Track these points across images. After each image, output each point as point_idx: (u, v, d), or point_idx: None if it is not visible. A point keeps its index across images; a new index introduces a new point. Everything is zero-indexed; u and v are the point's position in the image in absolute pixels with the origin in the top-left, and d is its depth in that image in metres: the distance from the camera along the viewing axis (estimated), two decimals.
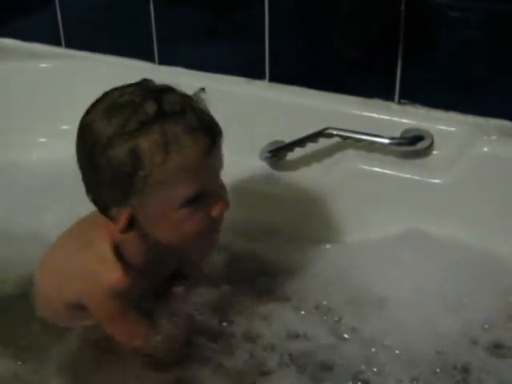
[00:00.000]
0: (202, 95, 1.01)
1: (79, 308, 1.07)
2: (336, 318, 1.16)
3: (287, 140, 1.42)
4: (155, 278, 1.13)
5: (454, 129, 1.32)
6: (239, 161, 1.40)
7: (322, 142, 1.39)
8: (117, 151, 0.93)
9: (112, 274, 1.01)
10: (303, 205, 1.39)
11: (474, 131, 1.29)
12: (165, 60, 1.61)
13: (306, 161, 1.44)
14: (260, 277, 1.26)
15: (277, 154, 1.44)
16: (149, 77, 1.04)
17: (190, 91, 1.03)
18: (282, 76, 1.49)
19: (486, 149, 1.25)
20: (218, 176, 1.02)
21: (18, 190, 1.47)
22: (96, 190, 0.99)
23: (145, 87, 0.99)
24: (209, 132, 0.97)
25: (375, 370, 1.06)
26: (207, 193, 0.99)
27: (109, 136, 0.93)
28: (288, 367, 1.07)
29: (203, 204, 0.99)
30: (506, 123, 1.30)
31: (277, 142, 1.45)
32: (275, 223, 1.39)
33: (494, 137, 1.27)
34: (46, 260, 1.14)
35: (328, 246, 1.34)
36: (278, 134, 1.45)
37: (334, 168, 1.39)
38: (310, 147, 1.40)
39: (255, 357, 1.09)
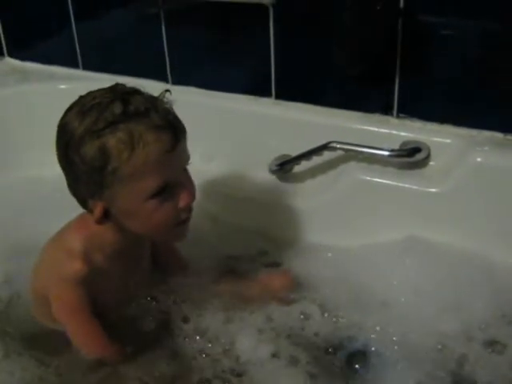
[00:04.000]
0: (167, 96, 1.07)
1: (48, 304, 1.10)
2: (337, 315, 1.20)
3: (293, 154, 1.46)
4: (131, 269, 1.17)
5: (449, 141, 1.35)
6: (249, 174, 1.47)
7: (326, 155, 1.43)
8: (87, 148, 1.00)
9: (73, 263, 1.07)
10: (309, 214, 1.42)
11: (468, 143, 1.32)
12: (177, 80, 1.64)
13: (312, 173, 1.48)
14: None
15: (284, 166, 1.47)
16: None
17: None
18: (287, 93, 1.52)
19: (479, 159, 1.28)
20: (182, 169, 1.08)
21: (41, 203, 1.50)
22: (74, 184, 1.06)
23: (114, 90, 1.05)
24: (171, 130, 1.02)
25: (375, 355, 1.10)
26: (173, 185, 1.05)
27: (80, 135, 1.00)
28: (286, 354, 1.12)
29: (170, 196, 1.05)
30: (497, 135, 1.33)
31: (284, 155, 1.48)
32: (283, 230, 1.43)
33: (486, 148, 1.29)
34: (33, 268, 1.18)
35: (331, 252, 1.36)
36: (285, 148, 1.48)
37: (338, 179, 1.42)
38: (315, 160, 1.44)
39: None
